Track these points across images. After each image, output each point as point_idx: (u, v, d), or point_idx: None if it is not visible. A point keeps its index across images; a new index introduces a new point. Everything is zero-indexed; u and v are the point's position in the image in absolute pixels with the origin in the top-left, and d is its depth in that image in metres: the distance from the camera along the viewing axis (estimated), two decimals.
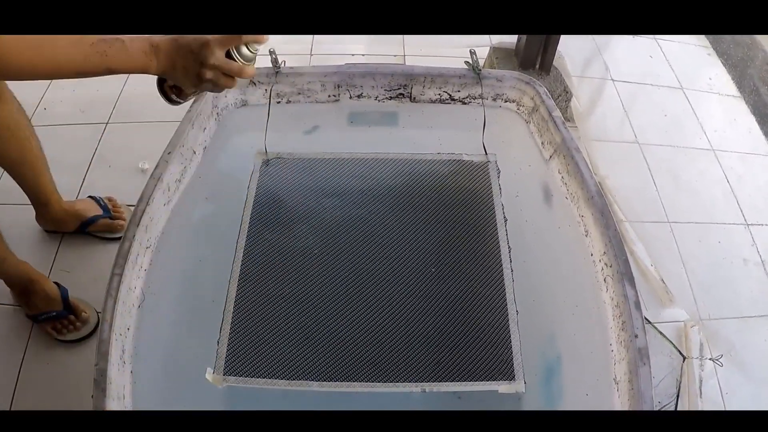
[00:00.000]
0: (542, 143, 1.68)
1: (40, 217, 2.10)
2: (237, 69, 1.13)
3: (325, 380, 1.40)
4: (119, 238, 2.11)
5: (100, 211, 2.15)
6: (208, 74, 1.11)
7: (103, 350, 1.18)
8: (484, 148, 1.78)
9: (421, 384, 1.40)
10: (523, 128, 1.76)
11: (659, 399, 1.94)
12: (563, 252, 1.58)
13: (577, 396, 1.40)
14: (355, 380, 1.41)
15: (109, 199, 2.22)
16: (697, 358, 2.04)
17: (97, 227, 2.14)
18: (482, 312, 1.53)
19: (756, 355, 2.12)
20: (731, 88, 3.21)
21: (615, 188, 2.53)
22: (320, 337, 1.47)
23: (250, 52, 1.15)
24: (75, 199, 2.19)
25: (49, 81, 2.79)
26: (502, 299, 1.55)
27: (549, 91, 1.70)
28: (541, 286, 1.61)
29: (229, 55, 1.12)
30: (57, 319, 1.88)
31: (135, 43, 1.06)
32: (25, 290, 1.88)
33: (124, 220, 2.18)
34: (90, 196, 2.21)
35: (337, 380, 1.40)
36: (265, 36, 1.14)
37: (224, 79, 1.14)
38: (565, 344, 1.51)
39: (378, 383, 1.40)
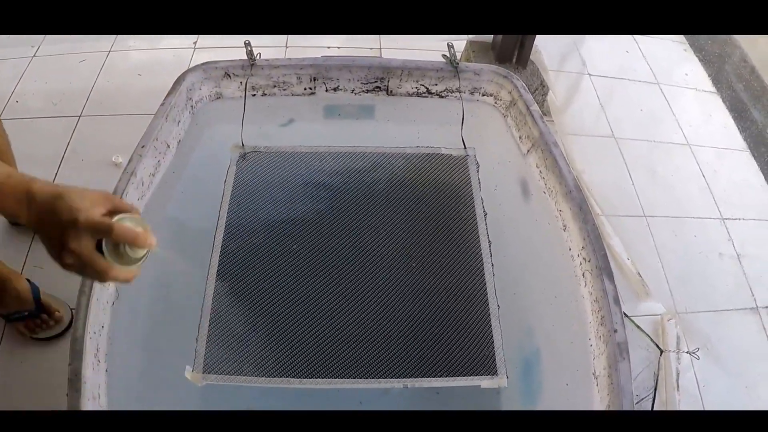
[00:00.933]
0: (520, 137, 1.67)
1: None
2: (101, 267, 0.87)
3: (305, 377, 1.39)
4: None
5: None
6: (67, 258, 0.86)
7: (77, 349, 1.15)
8: (463, 142, 1.77)
9: (403, 380, 1.39)
10: (501, 122, 1.75)
11: (637, 392, 1.94)
12: (541, 247, 1.57)
13: (556, 390, 1.40)
14: (337, 377, 1.39)
15: None
16: (673, 351, 2.05)
17: None
18: (464, 307, 1.52)
19: (731, 348, 2.14)
20: (707, 83, 3.23)
21: (591, 182, 2.53)
22: (300, 334, 1.45)
23: (128, 254, 0.90)
24: None
25: (22, 72, 2.77)
26: (483, 294, 1.54)
27: (526, 85, 1.69)
28: (520, 281, 1.60)
29: (100, 247, 0.88)
30: (29, 319, 1.85)
31: (11, 181, 0.89)
32: None
33: None
34: None
35: (317, 377, 1.39)
36: (147, 242, 0.89)
37: (89, 271, 0.88)
38: (544, 339, 1.51)
39: (359, 379, 1.39)
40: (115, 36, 3.02)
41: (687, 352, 2.06)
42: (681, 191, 2.61)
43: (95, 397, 1.16)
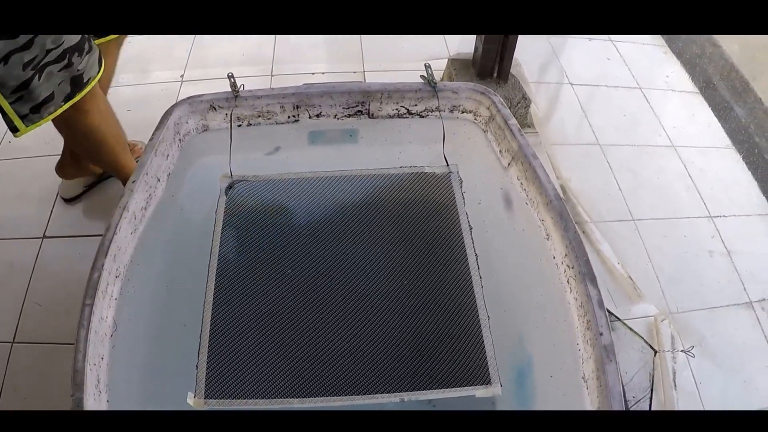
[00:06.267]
0: (500, 151, 1.70)
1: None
2: None
3: (304, 396, 1.41)
4: None
5: None
6: None
7: (78, 381, 1.18)
8: (446, 160, 1.81)
9: (400, 394, 1.42)
10: (481, 138, 1.78)
11: (633, 394, 1.97)
12: (527, 256, 1.60)
13: (549, 396, 1.43)
14: (335, 395, 1.42)
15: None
16: (668, 351, 2.08)
17: None
18: (455, 319, 1.55)
19: (726, 344, 2.16)
20: (689, 84, 3.27)
21: (578, 190, 2.57)
22: (297, 355, 1.48)
23: None
24: None
25: None
26: (472, 306, 1.57)
27: (508, 99, 1.73)
28: (509, 292, 1.63)
29: None
30: None
31: None
32: None
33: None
34: None
35: (316, 395, 1.42)
36: None
37: None
38: (534, 346, 1.54)
39: (357, 396, 1.42)
40: None
41: (682, 351, 2.09)
42: (668, 192, 2.64)
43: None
